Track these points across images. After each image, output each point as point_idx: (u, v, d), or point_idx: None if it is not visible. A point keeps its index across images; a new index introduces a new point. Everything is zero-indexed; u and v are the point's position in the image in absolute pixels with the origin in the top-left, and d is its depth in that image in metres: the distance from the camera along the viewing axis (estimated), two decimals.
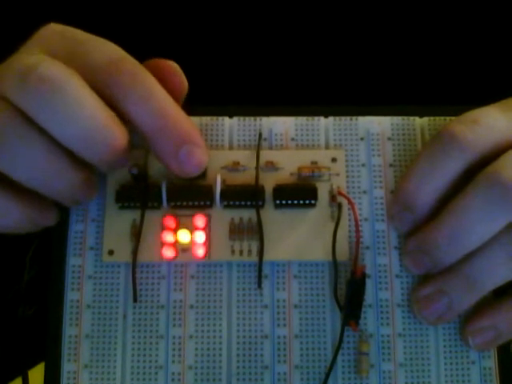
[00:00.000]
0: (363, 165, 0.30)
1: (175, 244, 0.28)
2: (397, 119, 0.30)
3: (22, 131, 0.24)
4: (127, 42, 0.26)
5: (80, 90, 0.24)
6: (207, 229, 0.28)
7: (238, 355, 0.28)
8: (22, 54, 0.25)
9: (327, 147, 0.30)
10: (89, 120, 0.24)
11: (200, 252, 0.28)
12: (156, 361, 0.28)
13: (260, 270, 0.28)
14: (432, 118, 0.30)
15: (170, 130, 0.26)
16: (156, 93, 0.26)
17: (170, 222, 0.28)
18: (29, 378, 0.31)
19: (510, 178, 0.25)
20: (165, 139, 0.26)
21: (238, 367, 0.28)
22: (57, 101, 0.24)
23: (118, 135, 0.25)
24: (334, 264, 0.28)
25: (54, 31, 0.26)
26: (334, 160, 0.29)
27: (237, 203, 0.28)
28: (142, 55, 0.26)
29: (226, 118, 0.30)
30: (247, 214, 0.29)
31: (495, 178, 0.25)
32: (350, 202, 0.28)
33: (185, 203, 0.28)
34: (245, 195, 0.28)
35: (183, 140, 0.26)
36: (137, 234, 0.28)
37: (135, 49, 0.26)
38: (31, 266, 0.32)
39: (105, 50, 0.26)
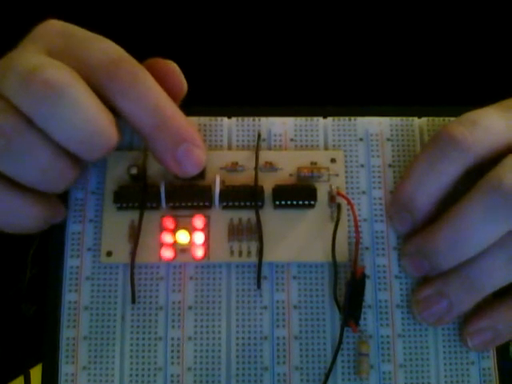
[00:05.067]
0: (362, 165, 0.30)
1: (174, 245, 0.28)
2: (396, 120, 0.30)
3: (26, 135, 0.24)
4: (127, 42, 0.26)
5: (84, 94, 0.24)
6: (206, 229, 0.28)
7: (237, 356, 0.28)
8: (23, 53, 0.25)
9: (326, 148, 0.30)
10: (91, 125, 0.24)
11: (199, 253, 0.28)
12: (155, 362, 0.28)
13: (259, 271, 0.28)
14: (431, 118, 0.30)
15: (168, 128, 0.26)
16: (154, 92, 0.26)
17: (168, 222, 0.28)
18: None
19: None
20: (163, 138, 0.26)
21: (237, 369, 0.27)
22: (61, 106, 0.24)
23: (115, 137, 0.25)
24: (334, 265, 0.28)
25: (53, 28, 0.26)
26: (333, 161, 0.29)
27: (236, 204, 0.28)
28: (141, 55, 0.26)
29: (225, 119, 0.30)
30: (246, 215, 0.29)
31: (497, 185, 0.25)
32: (349, 203, 0.28)
33: (184, 204, 0.28)
34: (244, 196, 0.28)
35: (181, 139, 0.26)
36: (135, 234, 0.28)
37: (135, 49, 0.26)
38: (33, 264, 0.32)
39: (104, 49, 0.26)
